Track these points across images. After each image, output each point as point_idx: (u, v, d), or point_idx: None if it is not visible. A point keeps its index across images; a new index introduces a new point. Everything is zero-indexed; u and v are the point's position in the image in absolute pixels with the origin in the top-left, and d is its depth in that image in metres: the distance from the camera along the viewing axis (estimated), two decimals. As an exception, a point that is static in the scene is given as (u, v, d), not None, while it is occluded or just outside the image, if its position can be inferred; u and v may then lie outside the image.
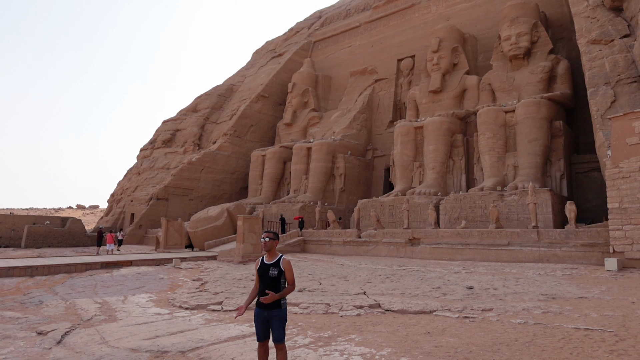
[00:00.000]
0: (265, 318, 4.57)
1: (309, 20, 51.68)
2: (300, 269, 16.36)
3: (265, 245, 4.70)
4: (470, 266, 15.90)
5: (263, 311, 4.57)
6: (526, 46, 26.42)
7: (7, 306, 9.41)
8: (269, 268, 4.62)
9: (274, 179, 36.76)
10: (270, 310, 4.57)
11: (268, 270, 4.61)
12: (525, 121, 23.25)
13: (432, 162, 26.47)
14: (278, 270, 4.61)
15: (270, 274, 4.59)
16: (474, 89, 29.31)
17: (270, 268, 4.61)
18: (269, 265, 4.64)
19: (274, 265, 4.63)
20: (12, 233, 35.12)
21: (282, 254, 4.78)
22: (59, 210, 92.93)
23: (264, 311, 4.57)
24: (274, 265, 4.64)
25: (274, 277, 4.59)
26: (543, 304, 8.87)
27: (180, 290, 11.74)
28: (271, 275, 4.59)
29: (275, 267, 4.63)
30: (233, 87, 49.98)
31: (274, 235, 4.78)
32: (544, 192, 20.07)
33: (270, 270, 4.60)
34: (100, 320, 7.97)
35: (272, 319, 4.59)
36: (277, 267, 4.64)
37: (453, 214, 22.38)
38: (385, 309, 8.83)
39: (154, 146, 46.53)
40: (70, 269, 16.71)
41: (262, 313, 4.57)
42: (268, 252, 4.73)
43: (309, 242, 24.66)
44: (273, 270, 4.61)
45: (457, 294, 10.21)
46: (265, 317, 4.57)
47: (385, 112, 36.67)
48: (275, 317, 4.60)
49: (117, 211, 43.99)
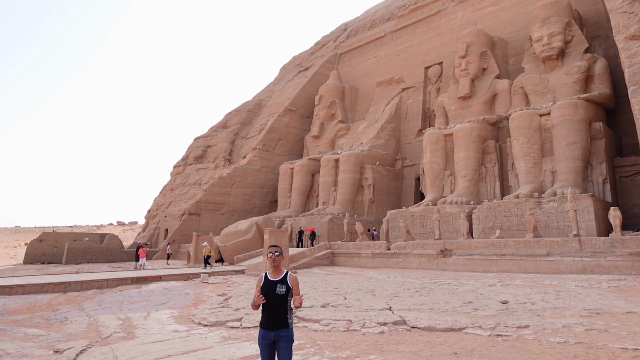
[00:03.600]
0: (271, 340, 4.25)
1: (334, 33, 51.92)
2: (327, 283, 15.96)
3: (275, 261, 4.41)
4: (506, 278, 15.01)
5: (269, 332, 4.25)
6: (559, 46, 25.28)
7: (33, 323, 9.54)
8: (276, 285, 4.31)
9: (302, 191, 36.66)
10: (278, 331, 4.25)
11: (275, 287, 4.30)
12: (562, 124, 22.09)
13: (464, 170, 25.57)
14: (286, 288, 4.32)
15: (278, 291, 4.28)
16: (505, 93, 28.31)
17: (277, 285, 4.31)
18: (276, 282, 4.33)
19: (281, 282, 4.33)
20: (54, 250, 36.55)
21: (287, 270, 4.49)
22: (101, 227, 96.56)
23: (270, 332, 4.24)
24: (281, 282, 4.34)
25: (282, 294, 4.29)
26: (586, 320, 8.12)
27: (202, 305, 11.61)
28: (278, 292, 4.28)
29: (283, 284, 4.33)
30: (261, 102, 50.65)
31: (281, 250, 4.50)
32: (585, 197, 18.86)
33: (277, 287, 4.29)
34: (118, 338, 7.89)
35: (279, 340, 4.26)
36: (285, 283, 4.34)
37: (487, 223, 21.40)
38: (411, 326, 8.32)
39: (186, 162, 47.60)
40: (101, 284, 17.04)
41: (267, 335, 4.25)
42: (275, 268, 4.43)
43: (338, 254, 24.21)
44: (280, 288, 4.30)
45: (490, 309, 9.54)
46: (271, 339, 4.25)
47: (414, 121, 36.00)
48: (283, 337, 4.28)
49: (152, 227, 45.13)
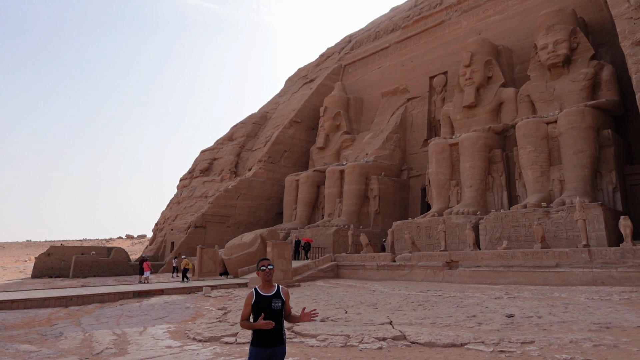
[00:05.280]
0: (266, 358, 4.03)
1: (339, 45, 52.16)
2: (329, 296, 15.65)
3: (267, 275, 4.23)
4: (513, 291, 14.58)
5: (264, 350, 4.01)
6: (565, 53, 25.01)
7: (28, 339, 9.40)
8: (271, 300, 4.11)
9: (308, 203, 36.44)
10: (274, 348, 4.05)
11: (270, 303, 4.10)
12: (570, 132, 21.72)
13: (470, 179, 25.21)
14: (281, 302, 4.15)
15: (274, 306, 4.09)
16: (511, 102, 28.01)
17: (272, 300, 4.11)
18: (270, 297, 4.13)
19: (276, 297, 4.14)
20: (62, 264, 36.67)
21: (277, 284, 4.31)
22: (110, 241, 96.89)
23: (265, 350, 4.01)
24: (276, 296, 4.15)
25: (278, 309, 4.11)
26: (595, 335, 7.76)
27: (200, 320, 11.39)
28: (275, 308, 4.09)
29: (278, 299, 4.15)
30: (267, 115, 50.83)
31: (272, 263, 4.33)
32: (595, 207, 18.40)
33: (273, 302, 4.10)
34: (109, 354, 7.70)
35: (274, 357, 4.06)
36: (280, 298, 4.17)
37: (494, 234, 20.97)
38: (411, 341, 8.03)
39: (193, 175, 47.74)
40: (103, 298, 16.91)
41: (262, 353, 4.01)
42: (266, 282, 4.23)
43: (343, 267, 23.86)
44: (276, 303, 4.12)
45: (495, 323, 9.20)
46: (266, 357, 4.03)
47: (420, 131, 35.76)
48: (279, 354, 4.08)
49: (159, 240, 45.15)
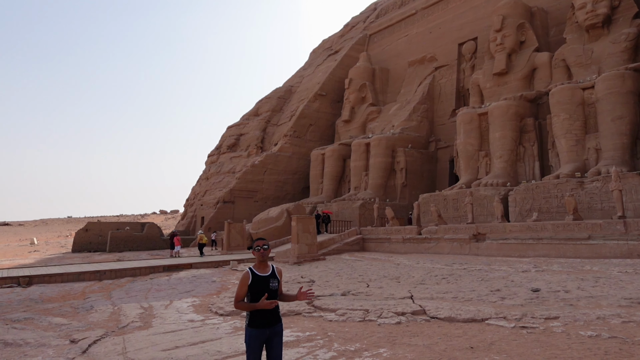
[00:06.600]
0: (266, 337, 4.01)
1: (364, 14, 50.60)
2: (353, 269, 15.68)
3: (263, 255, 4.18)
4: (542, 264, 14.15)
5: (264, 330, 3.96)
6: (605, 12, 23.28)
7: (61, 311, 9.89)
8: (269, 281, 4.08)
9: (334, 177, 36.33)
10: (274, 327, 4.02)
11: (268, 283, 4.07)
12: (608, 97, 20.44)
13: (499, 150, 24.33)
14: (277, 282, 4.14)
15: (272, 286, 4.07)
16: (545, 67, 26.55)
17: (270, 280, 4.09)
18: (267, 277, 4.09)
19: (272, 277, 4.12)
20: (99, 239, 38.40)
21: (272, 264, 4.26)
22: (145, 216, 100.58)
23: (265, 330, 3.97)
24: (272, 277, 4.12)
25: (275, 289, 4.10)
26: (624, 310, 7.40)
27: (224, 294, 11.66)
28: (272, 288, 4.07)
29: (275, 279, 4.13)
30: (292, 89, 50.40)
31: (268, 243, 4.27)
32: (633, 176, 17.42)
33: (270, 282, 4.08)
34: (134, 328, 7.99)
35: (275, 336, 4.03)
36: (276, 278, 4.15)
37: (524, 205, 20.30)
38: (431, 316, 7.92)
39: (220, 151, 48.36)
40: (135, 272, 17.60)
41: (262, 333, 3.96)
42: (262, 263, 4.19)
43: (368, 240, 23.84)
44: (273, 282, 4.10)
45: (519, 297, 8.94)
46: (266, 337, 4.00)
47: (448, 101, 34.60)
48: (278, 332, 4.06)
49: (190, 215, 46.44)
